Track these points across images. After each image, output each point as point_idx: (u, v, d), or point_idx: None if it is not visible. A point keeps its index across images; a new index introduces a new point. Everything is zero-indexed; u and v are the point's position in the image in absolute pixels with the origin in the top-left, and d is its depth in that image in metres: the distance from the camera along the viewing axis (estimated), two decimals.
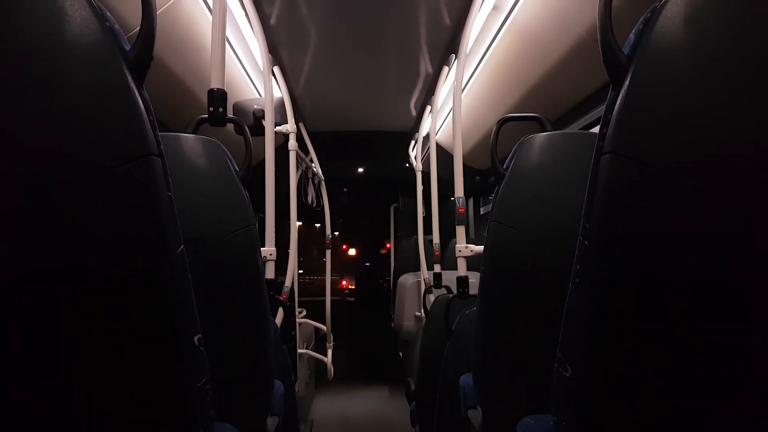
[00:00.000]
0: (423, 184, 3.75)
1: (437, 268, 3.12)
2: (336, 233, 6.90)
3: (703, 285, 0.67)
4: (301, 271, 6.45)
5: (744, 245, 0.65)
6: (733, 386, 0.70)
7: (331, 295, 4.61)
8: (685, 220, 0.66)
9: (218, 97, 1.50)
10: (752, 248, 0.65)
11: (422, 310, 3.52)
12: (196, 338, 0.82)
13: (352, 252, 7.25)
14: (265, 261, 2.17)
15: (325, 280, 4.64)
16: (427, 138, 3.66)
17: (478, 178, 4.17)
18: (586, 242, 0.76)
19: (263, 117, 2.47)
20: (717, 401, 0.72)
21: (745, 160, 0.64)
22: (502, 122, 1.63)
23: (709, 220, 0.65)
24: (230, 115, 1.54)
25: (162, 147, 0.74)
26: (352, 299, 6.66)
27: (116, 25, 0.71)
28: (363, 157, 4.91)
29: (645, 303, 0.70)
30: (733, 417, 0.71)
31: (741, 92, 0.65)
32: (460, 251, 2.21)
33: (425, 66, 2.98)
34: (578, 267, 0.79)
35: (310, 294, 6.06)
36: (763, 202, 0.64)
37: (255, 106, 2.65)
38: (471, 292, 2.16)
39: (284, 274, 2.82)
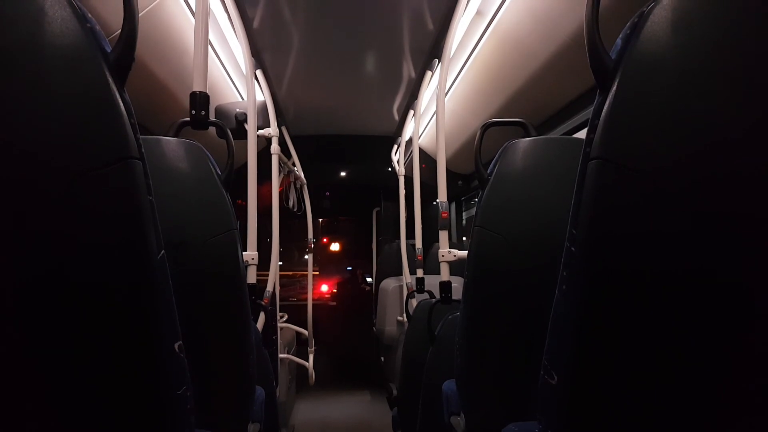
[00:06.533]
0: (405, 188, 3.75)
1: (420, 272, 3.12)
2: (320, 219, 6.91)
3: (692, 291, 0.67)
4: (280, 263, 6.47)
5: (736, 251, 0.65)
6: (726, 395, 0.70)
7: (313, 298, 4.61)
8: (673, 227, 0.66)
9: (200, 100, 1.49)
10: (745, 256, 0.65)
11: (404, 315, 3.52)
12: (176, 345, 0.80)
13: (334, 247, 7.26)
14: (246, 265, 2.16)
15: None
16: (409, 142, 3.67)
17: (460, 182, 4.18)
18: (573, 248, 0.75)
19: (245, 120, 2.46)
20: (709, 409, 0.71)
21: (734, 164, 0.64)
22: (486, 127, 1.63)
23: (698, 227, 0.65)
24: (212, 118, 1.53)
25: (143, 150, 0.73)
26: (334, 303, 6.64)
27: (97, 26, 0.70)
28: (345, 161, 4.91)
29: (633, 309, 0.70)
30: (725, 425, 0.71)
31: (729, 97, 0.65)
32: (443, 256, 2.20)
33: (408, 70, 2.98)
34: (565, 273, 0.78)
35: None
36: (756, 206, 0.64)
37: (237, 110, 2.63)
38: (454, 297, 2.16)
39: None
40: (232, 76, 2.90)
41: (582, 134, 2.00)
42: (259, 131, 2.74)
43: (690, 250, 0.66)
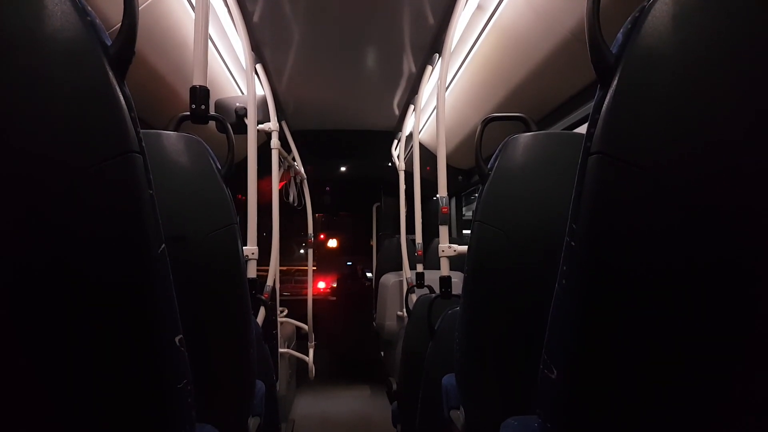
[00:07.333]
0: (405, 183, 3.74)
1: (420, 267, 3.12)
2: (317, 215, 6.89)
3: (692, 285, 0.67)
4: None
5: (736, 247, 0.65)
6: (726, 391, 0.70)
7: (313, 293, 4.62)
8: (673, 221, 0.66)
9: (200, 94, 1.48)
10: (746, 251, 0.65)
11: (404, 310, 3.52)
12: (177, 338, 0.81)
13: (332, 243, 7.24)
14: (246, 260, 2.16)
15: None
16: (410, 137, 3.66)
17: (460, 177, 4.18)
18: (573, 243, 0.75)
19: (245, 115, 2.46)
20: (708, 404, 0.72)
21: (735, 160, 0.64)
22: (487, 122, 1.63)
23: (698, 221, 0.65)
24: (212, 112, 1.52)
25: (143, 144, 0.73)
26: (334, 298, 6.65)
27: (97, 20, 0.70)
28: (346, 156, 4.91)
29: (632, 304, 0.70)
30: (725, 422, 0.72)
31: (730, 92, 0.65)
32: (443, 251, 2.20)
33: (409, 65, 2.98)
34: (565, 268, 0.78)
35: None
36: (757, 202, 0.64)
37: (237, 104, 2.63)
38: (454, 292, 2.16)
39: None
40: (232, 71, 2.89)
41: (583, 129, 2.00)
42: (259, 126, 2.73)
43: (689, 246, 0.66)
